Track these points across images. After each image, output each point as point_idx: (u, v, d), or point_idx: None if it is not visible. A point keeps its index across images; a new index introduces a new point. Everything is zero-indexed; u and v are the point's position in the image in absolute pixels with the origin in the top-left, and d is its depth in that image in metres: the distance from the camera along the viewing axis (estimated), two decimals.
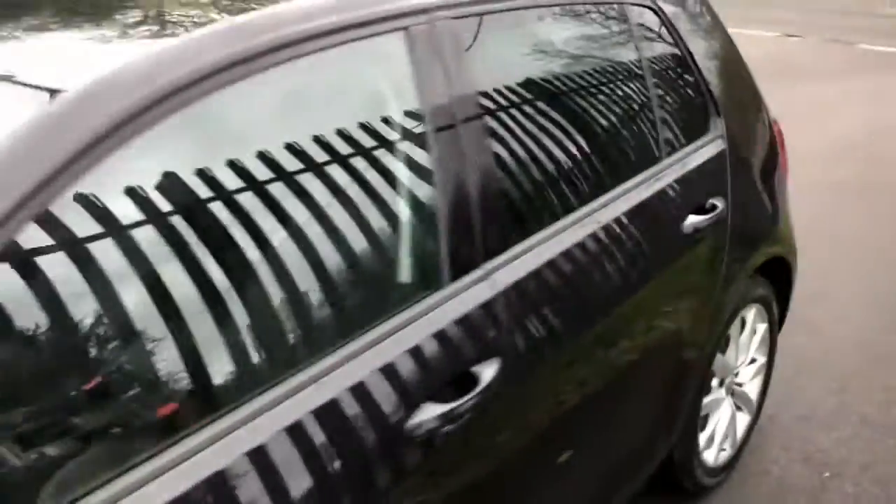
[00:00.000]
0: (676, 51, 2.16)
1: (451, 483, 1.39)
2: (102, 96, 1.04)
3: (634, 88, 2.00)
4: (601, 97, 1.89)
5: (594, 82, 1.88)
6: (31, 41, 1.39)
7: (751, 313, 2.46)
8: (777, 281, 2.55)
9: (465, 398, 1.33)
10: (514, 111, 1.62)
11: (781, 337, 2.74)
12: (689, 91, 2.20)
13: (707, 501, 2.50)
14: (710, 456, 2.45)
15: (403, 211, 1.39)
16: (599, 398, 1.78)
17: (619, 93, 1.96)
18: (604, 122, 1.87)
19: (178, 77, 1.09)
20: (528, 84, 1.69)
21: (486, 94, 1.54)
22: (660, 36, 2.11)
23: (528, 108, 1.66)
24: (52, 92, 1.05)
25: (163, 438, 1.03)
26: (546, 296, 1.57)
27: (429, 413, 1.29)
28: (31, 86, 1.10)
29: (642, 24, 2.05)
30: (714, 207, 2.08)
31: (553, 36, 1.83)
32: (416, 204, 1.41)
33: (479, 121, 1.49)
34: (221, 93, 1.14)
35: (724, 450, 2.51)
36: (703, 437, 2.39)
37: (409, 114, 1.42)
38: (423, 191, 1.40)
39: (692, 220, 2.00)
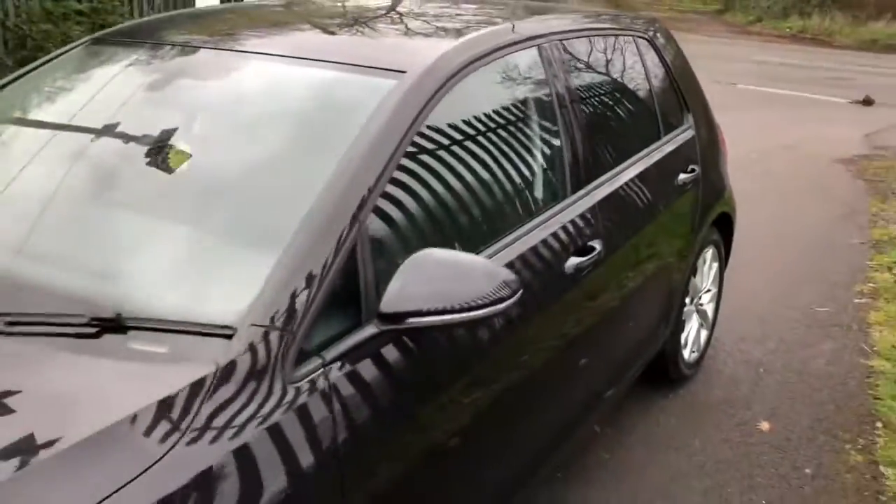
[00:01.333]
0: (663, 68, 3.22)
1: (580, 300, 2.34)
2: (432, 72, 1.95)
3: (645, 91, 3.05)
4: (630, 95, 2.93)
5: (629, 86, 2.93)
6: (352, 40, 2.29)
7: (709, 252, 3.53)
8: (724, 232, 3.64)
9: (590, 255, 2.29)
10: (588, 98, 2.62)
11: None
12: (673, 95, 3.26)
13: (684, 387, 3.51)
14: (686, 353, 3.47)
15: (551, 156, 2.36)
16: (637, 288, 2.77)
17: (638, 92, 3.00)
18: (631, 108, 2.91)
19: (463, 61, 2.02)
20: (598, 79, 2.71)
21: (575, 86, 2.53)
22: (654, 58, 3.17)
23: (596, 98, 2.67)
24: (399, 72, 1.94)
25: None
26: (614, 210, 2.55)
27: (573, 261, 2.24)
28: (381, 69, 1.98)
29: (645, 50, 3.11)
30: (693, 170, 3.14)
31: (603, 54, 2.85)
32: (553, 152, 2.38)
33: (574, 103, 2.48)
34: (482, 70, 2.09)
35: (694, 352, 3.54)
36: (682, 338, 3.42)
37: (546, 96, 2.39)
38: (556, 144, 2.37)
39: (682, 177, 3.05)
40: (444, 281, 1.63)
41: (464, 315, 1.62)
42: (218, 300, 1.59)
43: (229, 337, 1.48)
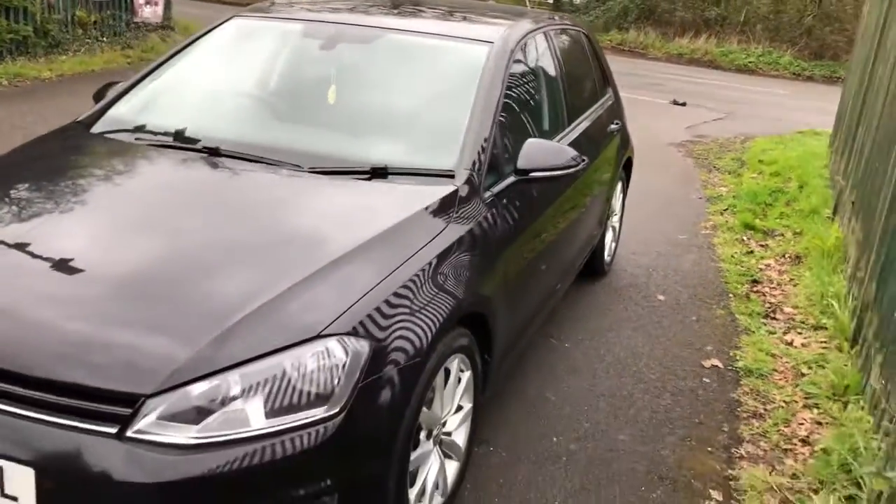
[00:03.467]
0: (595, 53, 4.73)
1: (573, 193, 3.79)
2: (506, 42, 3.31)
3: (589, 68, 4.54)
4: (584, 68, 4.41)
5: (583, 63, 4.41)
6: (454, 24, 3.61)
7: (619, 185, 5.08)
8: (627, 172, 5.22)
9: (583, 164, 3.72)
10: (569, 66, 4.06)
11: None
12: (601, 72, 4.78)
13: (603, 280, 5.03)
14: (606, 255, 5.00)
15: (560, 99, 3.77)
16: (595, 195, 4.23)
17: (587, 68, 4.49)
18: (585, 77, 4.39)
19: (517, 37, 3.40)
20: (571, 56, 4.17)
21: (563, 59, 3.96)
22: (590, 47, 4.67)
23: (572, 67, 4.12)
24: (489, 42, 3.29)
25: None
26: (586, 140, 3.99)
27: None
28: (480, 40, 3.31)
29: (585, 41, 4.60)
30: (617, 123, 4.68)
31: (571, 41, 4.31)
32: (560, 97, 3.79)
33: (564, 68, 3.91)
34: (526, 44, 3.47)
35: (608, 256, 5.08)
36: (606, 239, 4.94)
37: (554, 63, 3.80)
38: (560, 92, 3.79)
39: (611, 126, 4.58)
40: (546, 154, 3.00)
41: (560, 171, 3.00)
42: (439, 159, 2.87)
43: (452, 176, 2.77)
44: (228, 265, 2.30)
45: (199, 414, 1.95)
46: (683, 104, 13.14)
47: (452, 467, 2.68)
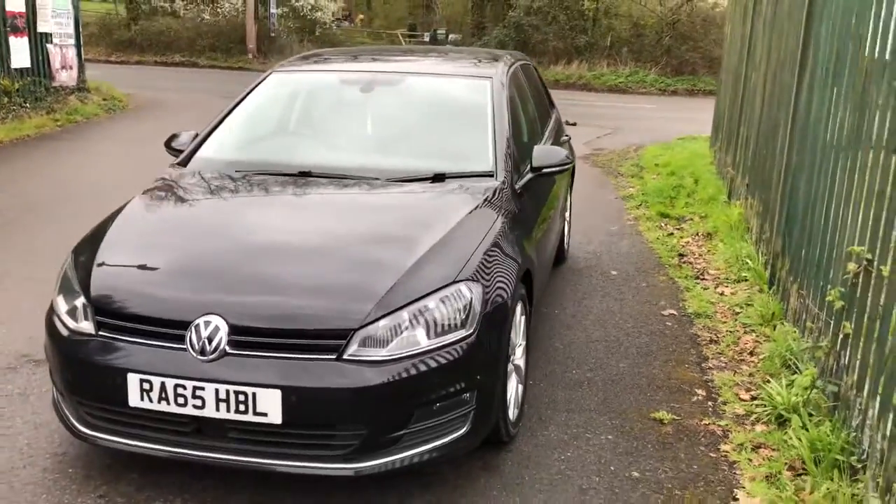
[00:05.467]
0: (540, 81, 5.84)
1: (550, 191, 4.85)
2: (500, 77, 4.35)
3: (541, 93, 5.64)
4: (539, 93, 5.50)
5: (538, 88, 5.50)
6: (457, 65, 4.63)
7: (566, 180, 6.18)
8: (572, 176, 6.34)
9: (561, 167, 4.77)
10: (532, 93, 5.13)
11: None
12: (547, 95, 5.89)
13: (565, 265, 6.09)
14: (565, 243, 6.08)
15: (536, 117, 4.83)
16: (560, 196, 5.30)
17: (541, 93, 5.59)
18: (541, 100, 5.48)
19: (506, 71, 4.44)
20: (531, 83, 5.24)
21: (527, 86, 5.02)
22: (536, 75, 5.77)
23: (532, 92, 5.19)
24: (488, 77, 4.31)
25: None
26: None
27: (555, 168, 4.71)
28: (481, 77, 4.33)
29: (534, 71, 5.70)
30: (566, 136, 5.79)
31: (531, 71, 5.39)
32: (536, 116, 4.84)
33: (529, 92, 4.97)
34: (512, 78, 4.52)
35: (567, 245, 6.16)
36: (565, 230, 6.01)
37: (528, 89, 4.87)
38: (533, 111, 4.85)
39: (563, 136, 5.68)
40: (549, 155, 4.05)
41: (561, 167, 4.04)
42: (478, 165, 3.84)
43: (491, 176, 3.76)
44: (374, 244, 3.20)
45: (385, 340, 2.84)
46: (574, 124, 14.60)
47: (520, 388, 3.62)
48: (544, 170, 4.01)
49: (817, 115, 4.45)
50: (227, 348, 2.79)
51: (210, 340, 2.79)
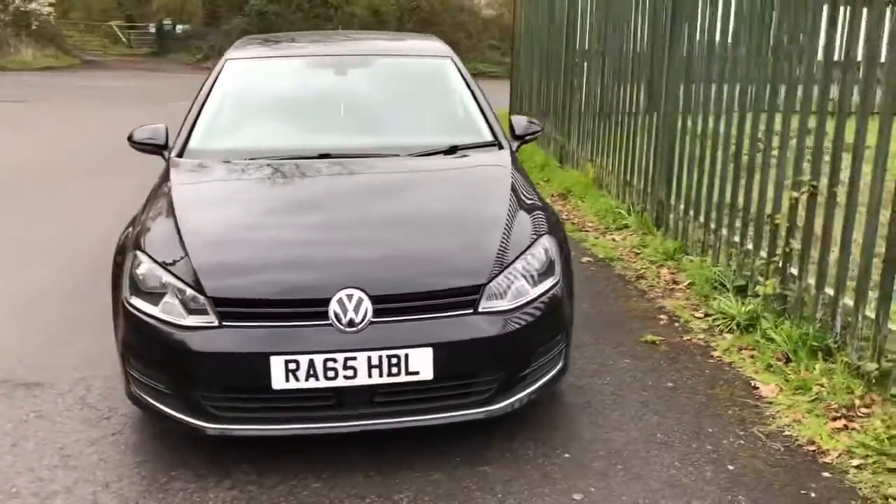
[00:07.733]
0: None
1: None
2: (453, 55, 4.70)
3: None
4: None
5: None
6: (412, 44, 4.86)
7: None
8: None
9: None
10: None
11: None
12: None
13: None
14: None
15: None
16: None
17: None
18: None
19: (449, 50, 4.79)
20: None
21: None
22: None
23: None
24: (446, 57, 4.65)
25: None
26: None
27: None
28: (440, 56, 4.64)
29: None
30: None
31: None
32: None
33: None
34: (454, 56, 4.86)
35: None
36: None
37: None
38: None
39: None
40: (522, 123, 4.50)
41: (535, 134, 4.50)
42: (479, 136, 4.20)
43: (501, 147, 4.14)
44: (459, 210, 3.47)
45: (502, 292, 3.15)
46: None
47: None
48: (526, 137, 4.45)
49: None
50: (371, 318, 2.94)
51: (356, 311, 2.92)
